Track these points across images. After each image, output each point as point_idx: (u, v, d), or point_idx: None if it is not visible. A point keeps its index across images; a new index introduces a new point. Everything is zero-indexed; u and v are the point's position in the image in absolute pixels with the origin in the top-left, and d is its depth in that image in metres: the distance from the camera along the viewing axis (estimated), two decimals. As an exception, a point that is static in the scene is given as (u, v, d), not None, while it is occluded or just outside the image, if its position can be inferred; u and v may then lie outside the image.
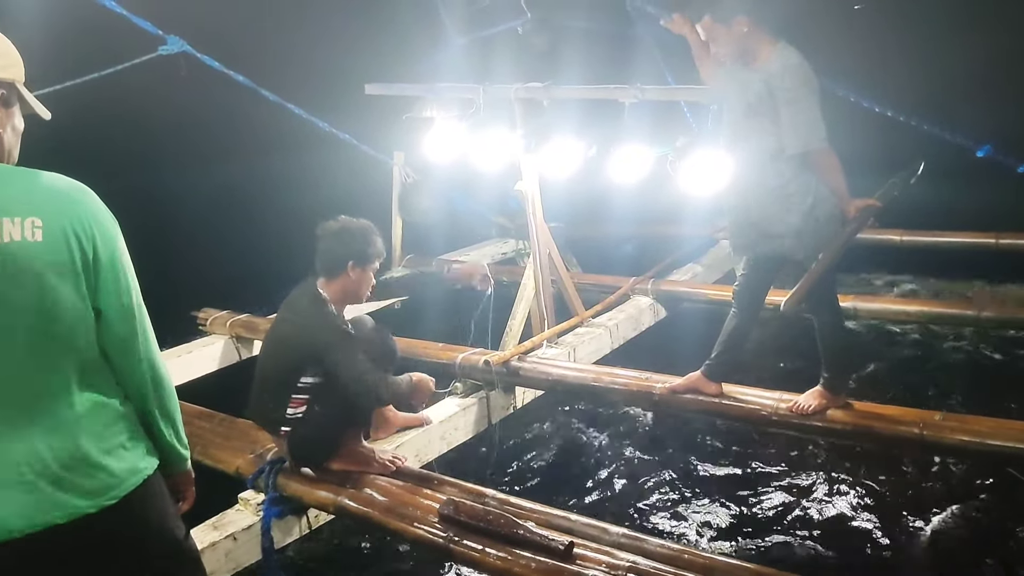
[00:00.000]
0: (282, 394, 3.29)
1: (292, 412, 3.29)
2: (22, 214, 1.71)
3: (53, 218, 1.74)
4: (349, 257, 3.30)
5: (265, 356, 3.45)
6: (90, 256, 1.78)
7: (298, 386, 3.28)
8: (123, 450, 1.90)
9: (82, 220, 1.78)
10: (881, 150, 4.22)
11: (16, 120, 1.86)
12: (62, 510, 1.79)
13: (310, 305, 3.29)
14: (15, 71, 1.85)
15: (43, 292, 1.73)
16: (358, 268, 3.32)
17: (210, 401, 4.18)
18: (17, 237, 1.70)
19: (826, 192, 3.35)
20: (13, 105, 1.85)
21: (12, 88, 1.84)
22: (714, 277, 6.24)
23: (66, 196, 1.79)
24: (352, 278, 3.33)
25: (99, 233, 1.80)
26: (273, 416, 3.33)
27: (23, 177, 1.79)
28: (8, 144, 1.83)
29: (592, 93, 4.71)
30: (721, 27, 3.32)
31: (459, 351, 4.48)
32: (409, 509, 3.14)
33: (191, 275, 5.77)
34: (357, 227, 3.38)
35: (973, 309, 4.99)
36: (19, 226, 1.70)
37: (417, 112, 5.30)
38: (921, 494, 3.95)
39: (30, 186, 1.77)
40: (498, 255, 7.24)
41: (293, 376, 3.28)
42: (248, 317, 5.47)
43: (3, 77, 1.81)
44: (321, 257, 3.34)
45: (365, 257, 3.34)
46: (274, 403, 3.31)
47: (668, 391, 3.89)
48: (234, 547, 3.28)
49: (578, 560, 2.74)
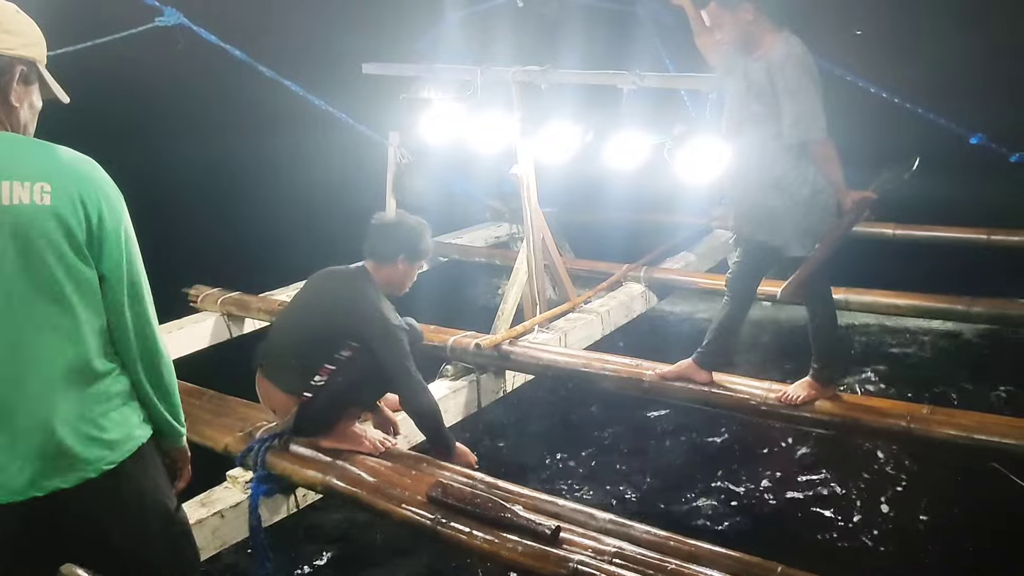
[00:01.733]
0: (315, 360, 3.29)
1: (318, 380, 3.28)
2: (32, 179, 1.76)
3: (62, 184, 1.79)
4: (402, 250, 3.41)
5: (297, 320, 3.45)
6: (94, 222, 1.81)
7: (334, 356, 3.29)
8: (119, 417, 1.93)
9: (90, 189, 1.82)
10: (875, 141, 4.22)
11: (35, 98, 1.91)
12: (64, 475, 1.84)
13: (365, 287, 3.36)
14: (38, 50, 1.91)
15: (47, 254, 1.77)
16: (407, 262, 3.43)
17: (200, 378, 4.17)
18: (26, 200, 1.75)
19: (824, 183, 3.36)
20: (33, 83, 1.90)
21: (33, 66, 1.89)
22: (707, 266, 6.24)
23: (76, 166, 1.84)
24: (400, 269, 3.43)
25: (105, 202, 1.84)
26: (295, 379, 3.31)
27: (35, 146, 1.85)
28: (24, 119, 1.89)
29: (590, 78, 4.69)
30: (726, 14, 3.32)
31: (450, 334, 4.47)
32: (397, 490, 3.14)
33: (183, 251, 5.74)
34: (413, 223, 3.50)
35: (963, 304, 5.00)
36: (28, 189, 1.75)
37: (414, 92, 5.27)
38: (906, 487, 3.97)
39: (41, 155, 1.83)
40: (492, 239, 7.24)
41: (333, 346, 3.29)
42: (240, 295, 5.45)
43: (25, 55, 1.86)
44: (374, 243, 3.43)
45: (417, 253, 3.46)
46: (303, 367, 3.29)
47: (658, 378, 3.90)
48: (221, 524, 3.28)
49: (564, 544, 2.75)
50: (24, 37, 1.87)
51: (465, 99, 5.03)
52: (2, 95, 1.83)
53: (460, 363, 4.42)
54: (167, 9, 5.06)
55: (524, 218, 4.94)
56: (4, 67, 1.82)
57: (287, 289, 5.63)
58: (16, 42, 1.84)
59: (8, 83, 1.83)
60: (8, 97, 1.83)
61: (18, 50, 1.84)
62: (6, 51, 1.82)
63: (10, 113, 1.85)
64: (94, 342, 1.88)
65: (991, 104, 5.71)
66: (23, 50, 1.85)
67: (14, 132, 1.86)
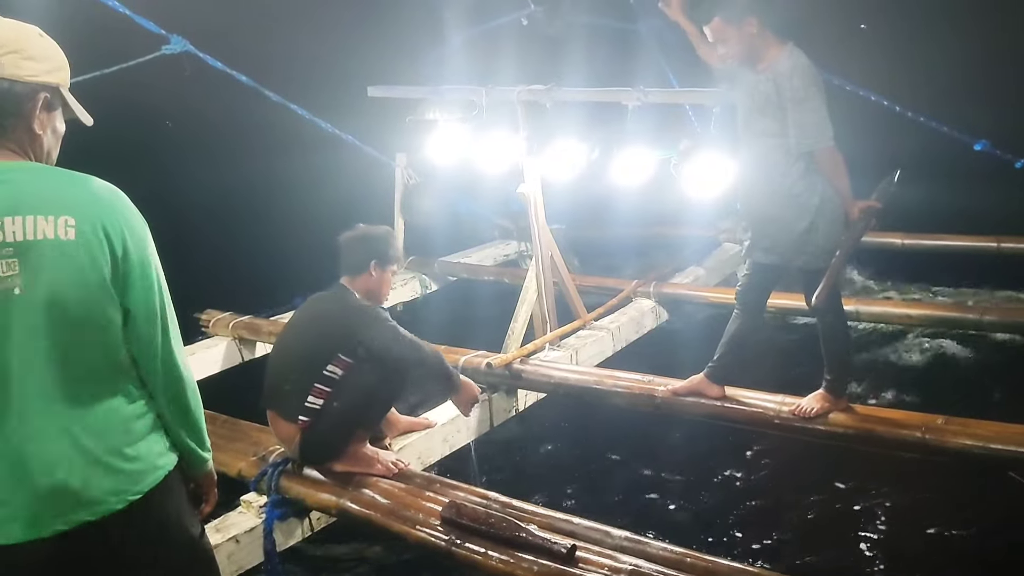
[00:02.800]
0: (305, 382, 3.31)
1: (312, 402, 3.30)
2: (55, 212, 1.73)
3: (86, 217, 1.76)
4: (372, 257, 3.47)
5: (286, 344, 3.52)
6: (119, 256, 1.79)
7: (323, 374, 3.31)
8: (144, 448, 1.92)
9: (114, 220, 1.79)
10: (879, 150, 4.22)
11: (57, 123, 1.89)
12: (89, 508, 1.82)
13: (339, 295, 3.48)
14: (62, 75, 1.88)
15: (72, 289, 1.75)
16: (379, 268, 3.50)
17: (213, 403, 4.11)
18: (51, 235, 1.72)
19: (831, 193, 3.36)
20: (56, 109, 1.87)
21: (56, 92, 1.86)
22: (716, 280, 6.23)
23: (99, 197, 1.81)
24: (374, 277, 3.50)
25: (130, 234, 1.81)
26: (292, 404, 3.32)
27: (59, 177, 1.81)
28: (48, 146, 1.87)
29: (595, 96, 4.71)
30: (731, 29, 3.33)
31: (462, 353, 4.47)
32: (411, 512, 3.14)
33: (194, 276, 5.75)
34: (378, 231, 3.62)
35: (975, 312, 4.99)
36: (52, 224, 1.73)
37: (420, 114, 5.30)
38: (923, 498, 3.94)
39: (65, 186, 1.79)
40: (500, 257, 7.25)
41: (319, 363, 3.32)
42: (251, 319, 5.47)
43: (49, 81, 1.83)
44: (345, 259, 3.52)
45: (386, 258, 3.53)
46: (295, 391, 3.32)
47: (670, 394, 3.89)
48: (236, 549, 3.27)
49: (580, 563, 2.74)
50: (48, 63, 1.83)
51: (471, 120, 5.06)
52: (25, 123, 1.80)
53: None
54: (173, 37, 5.11)
55: (532, 236, 4.95)
56: (27, 94, 1.79)
57: (297, 312, 5.63)
58: (39, 68, 1.81)
59: (31, 111, 1.80)
60: (31, 125, 1.81)
61: (41, 77, 1.81)
62: (30, 78, 1.79)
63: (33, 141, 1.83)
64: (119, 374, 1.87)
65: (995, 110, 5.70)
66: (47, 76, 1.82)
67: (37, 160, 1.84)
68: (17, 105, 1.79)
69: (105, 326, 1.81)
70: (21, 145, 1.81)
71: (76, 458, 1.80)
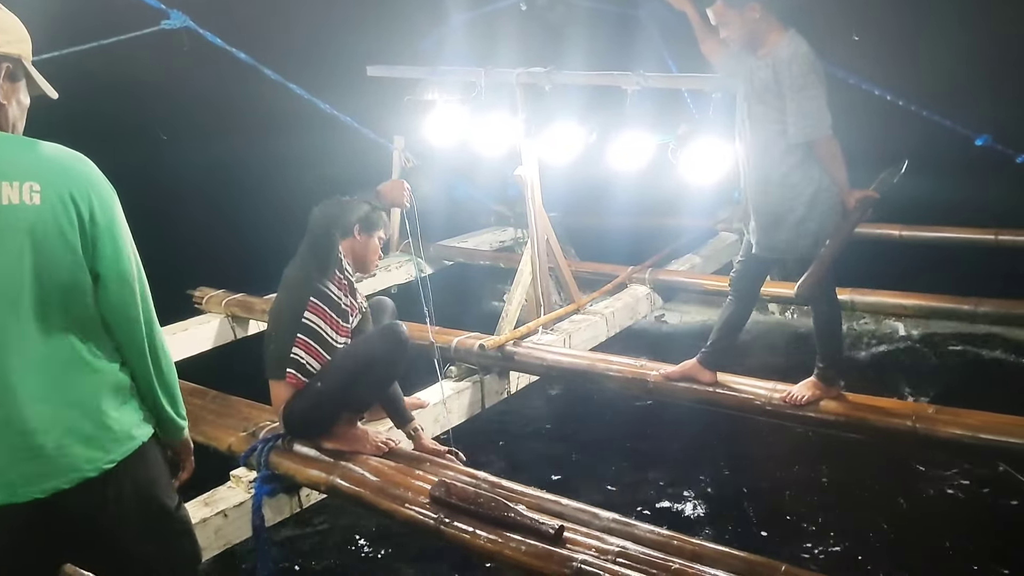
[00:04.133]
0: (286, 335, 3.28)
1: (296, 354, 3.27)
2: (21, 178, 1.74)
3: (51, 183, 1.77)
4: (356, 221, 3.45)
5: (272, 308, 3.53)
6: (86, 220, 1.80)
7: (302, 322, 3.27)
8: (120, 416, 1.93)
9: (80, 186, 1.81)
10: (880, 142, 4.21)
11: (22, 95, 1.90)
12: (64, 475, 1.84)
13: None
14: (23, 47, 1.89)
15: (39, 254, 1.76)
16: (364, 234, 3.48)
17: (204, 379, 4.18)
18: (16, 200, 1.73)
19: (828, 182, 3.35)
20: (19, 80, 1.88)
21: (19, 63, 1.87)
22: (712, 268, 6.22)
23: (65, 163, 1.83)
24: (359, 241, 3.47)
25: (96, 199, 1.82)
26: (278, 359, 3.30)
27: (24, 144, 1.83)
28: (13, 117, 1.87)
29: (594, 79, 4.69)
30: (733, 12, 3.30)
31: (455, 335, 4.47)
32: (401, 490, 3.13)
33: (187, 253, 5.76)
34: (354, 200, 3.53)
35: (970, 304, 4.98)
36: (17, 189, 1.73)
37: (419, 94, 5.28)
38: (911, 487, 3.95)
39: (30, 153, 1.81)
40: (496, 243, 7.24)
41: (297, 311, 3.29)
42: (244, 296, 5.47)
43: (10, 52, 1.84)
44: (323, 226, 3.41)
45: (370, 223, 3.49)
46: (279, 347, 3.30)
47: (662, 378, 3.89)
48: (224, 524, 3.27)
49: (568, 544, 2.74)
50: (8, 34, 1.85)
51: (469, 101, 5.04)
52: None
53: (464, 364, 4.41)
54: (173, 12, 5.07)
55: (528, 220, 4.94)
56: None
57: (291, 291, 5.63)
58: (0, 39, 1.82)
59: None
60: None
61: (2, 47, 1.82)
62: None
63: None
64: (91, 340, 1.88)
65: (997, 105, 5.69)
66: (7, 47, 1.83)
67: (2, 131, 1.84)
68: None
69: (75, 290, 1.82)
70: None
71: (55, 424, 1.81)
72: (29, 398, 1.79)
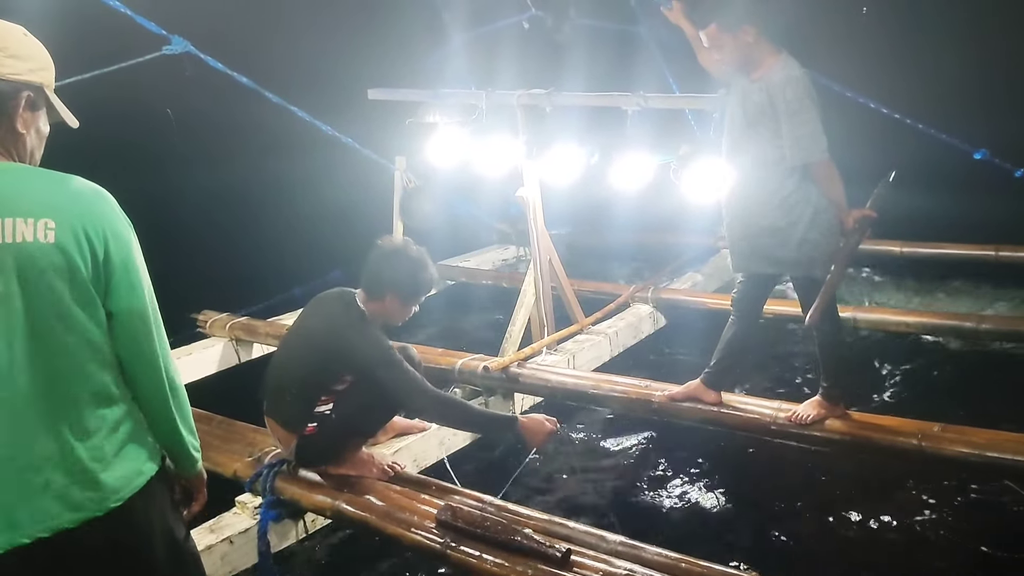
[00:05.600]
0: (310, 394, 3.26)
1: (320, 409, 3.27)
2: (36, 215, 1.72)
3: (66, 220, 1.75)
4: (391, 288, 3.25)
5: (290, 354, 3.37)
6: (101, 259, 1.78)
7: (331, 389, 3.28)
8: (127, 452, 1.91)
9: (96, 223, 1.78)
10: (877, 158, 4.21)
11: (41, 123, 1.88)
12: (70, 514, 1.80)
13: (349, 315, 3.25)
14: (45, 75, 1.87)
15: (51, 293, 1.74)
16: (397, 301, 3.28)
17: (209, 404, 4.17)
18: (30, 238, 1.71)
19: (825, 203, 3.35)
20: (40, 109, 1.86)
21: (40, 92, 1.86)
22: (714, 286, 6.23)
23: (82, 199, 1.80)
24: (388, 306, 3.29)
25: (112, 236, 1.80)
26: (295, 412, 3.29)
27: (41, 178, 1.80)
28: (31, 146, 1.86)
29: (595, 100, 4.71)
30: (727, 35, 3.32)
31: (458, 357, 4.47)
32: (406, 514, 3.13)
33: (191, 277, 5.76)
34: (411, 259, 3.30)
35: (972, 321, 4.99)
36: (32, 227, 1.71)
37: (420, 117, 5.30)
38: (918, 506, 3.94)
39: (47, 188, 1.78)
40: (499, 261, 7.26)
41: (326, 378, 3.26)
42: (248, 320, 5.47)
43: (32, 80, 1.83)
44: (367, 273, 3.29)
45: (407, 295, 3.29)
46: (299, 401, 3.26)
47: (667, 399, 3.89)
48: (230, 550, 3.27)
49: (575, 568, 2.73)
50: (32, 62, 1.83)
51: (470, 123, 5.06)
52: (8, 122, 1.79)
53: (468, 386, 4.42)
54: (174, 37, 5.12)
55: (531, 240, 4.95)
56: (10, 93, 1.78)
57: (295, 314, 5.61)
58: (23, 67, 1.80)
59: (14, 109, 1.79)
60: (14, 124, 1.80)
61: (24, 75, 1.80)
62: (12, 76, 1.78)
63: (16, 140, 1.82)
64: (100, 380, 1.85)
65: (995, 119, 5.71)
66: (30, 75, 1.81)
67: (20, 161, 1.83)
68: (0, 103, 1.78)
69: (86, 329, 1.79)
70: (4, 144, 1.81)
71: (63, 461, 1.79)
72: (43, 433, 1.77)
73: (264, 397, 3.41)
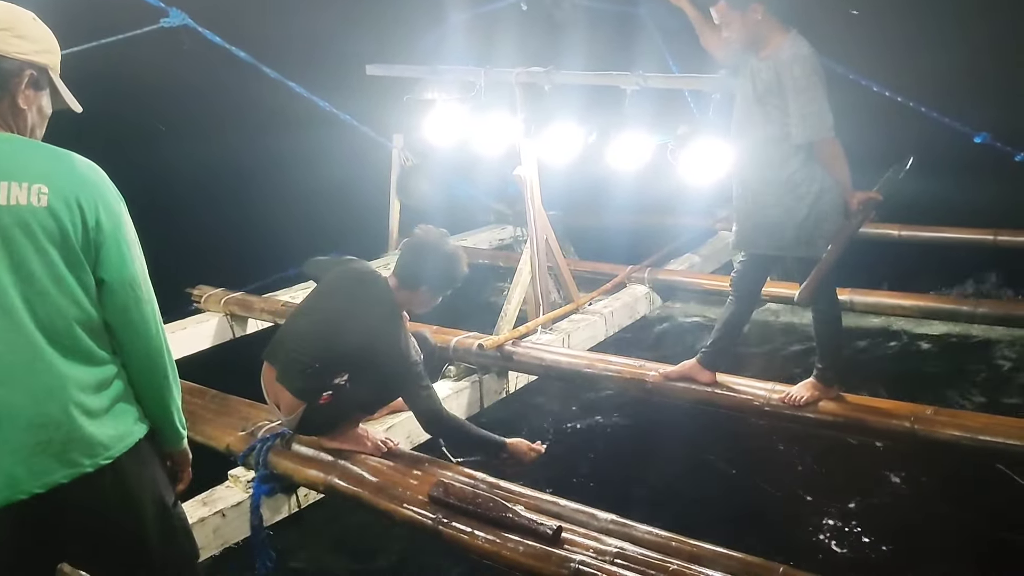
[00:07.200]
0: (332, 368, 3.23)
1: (338, 381, 3.24)
2: (30, 180, 1.79)
3: (59, 187, 1.81)
4: (427, 281, 3.35)
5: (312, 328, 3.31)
6: (91, 227, 1.84)
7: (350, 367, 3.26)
8: (117, 410, 1.95)
9: (88, 193, 1.85)
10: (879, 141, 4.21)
11: (44, 103, 1.94)
12: (64, 470, 1.85)
13: (383, 313, 3.29)
14: (50, 57, 1.94)
15: (42, 256, 1.80)
16: (430, 293, 3.40)
17: (203, 378, 4.17)
18: (23, 201, 1.78)
19: (831, 183, 3.35)
20: (43, 89, 1.93)
21: (44, 73, 1.93)
22: (712, 267, 6.22)
23: (75, 170, 1.87)
24: (420, 298, 3.40)
25: (104, 208, 1.86)
26: (312, 384, 3.24)
27: (38, 149, 1.88)
28: (32, 122, 1.92)
29: (594, 79, 4.68)
30: (736, 13, 3.30)
31: (453, 334, 4.47)
32: (399, 490, 3.14)
33: (186, 251, 5.75)
34: (447, 254, 3.40)
35: (969, 305, 4.99)
36: (26, 191, 1.78)
37: (418, 93, 5.28)
38: (909, 488, 3.95)
39: (42, 157, 1.85)
40: (495, 241, 7.24)
41: (349, 361, 3.24)
42: (243, 295, 5.46)
43: (36, 60, 1.90)
44: (403, 262, 3.38)
45: (439, 288, 3.42)
46: (318, 374, 3.22)
47: (661, 378, 3.89)
48: (223, 523, 3.28)
49: (566, 545, 2.74)
50: (38, 44, 1.90)
51: (469, 100, 5.04)
52: (10, 97, 1.86)
53: (463, 363, 4.41)
54: (172, 10, 5.08)
55: (528, 220, 4.94)
56: (14, 70, 1.85)
57: (290, 290, 5.63)
58: (28, 47, 1.87)
59: (17, 86, 1.86)
60: (16, 100, 1.86)
61: (29, 55, 1.87)
62: (17, 55, 1.85)
63: (17, 116, 1.88)
64: (93, 341, 1.90)
65: (997, 102, 5.68)
66: (35, 56, 1.88)
67: (20, 135, 1.88)
68: (3, 79, 1.85)
69: (75, 292, 1.85)
70: (4, 118, 1.87)
71: (62, 418, 1.84)
72: (24, 395, 1.81)
73: (274, 363, 3.34)
